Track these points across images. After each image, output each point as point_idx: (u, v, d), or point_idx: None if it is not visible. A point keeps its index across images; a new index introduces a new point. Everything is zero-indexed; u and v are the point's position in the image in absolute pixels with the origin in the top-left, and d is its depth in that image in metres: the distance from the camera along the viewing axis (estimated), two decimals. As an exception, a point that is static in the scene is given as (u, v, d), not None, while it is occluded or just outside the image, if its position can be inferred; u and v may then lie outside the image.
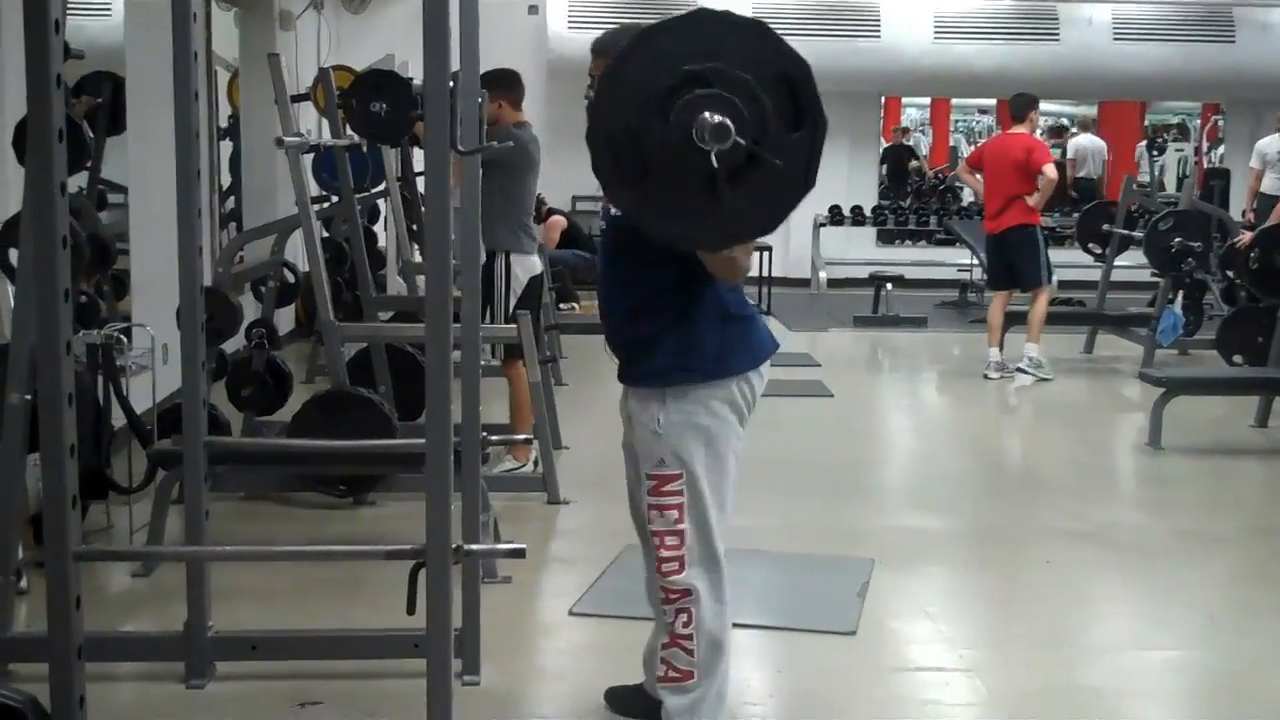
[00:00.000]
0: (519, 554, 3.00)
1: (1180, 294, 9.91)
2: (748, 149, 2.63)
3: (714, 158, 2.61)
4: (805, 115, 2.69)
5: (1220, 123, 15.44)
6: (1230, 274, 9.13)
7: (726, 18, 2.74)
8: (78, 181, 5.90)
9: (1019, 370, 9.34)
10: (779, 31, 2.72)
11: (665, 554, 3.13)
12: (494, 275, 6.05)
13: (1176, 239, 8.97)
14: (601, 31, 3.37)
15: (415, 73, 5.49)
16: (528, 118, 6.32)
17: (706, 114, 2.60)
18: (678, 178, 2.66)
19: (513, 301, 6.09)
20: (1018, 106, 9.54)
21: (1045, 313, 9.38)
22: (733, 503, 3.22)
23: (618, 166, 2.73)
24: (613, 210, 3.15)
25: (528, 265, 6.20)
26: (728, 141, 2.58)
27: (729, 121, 2.58)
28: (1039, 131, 9.72)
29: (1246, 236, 8.39)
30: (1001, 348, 9.35)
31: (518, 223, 6.11)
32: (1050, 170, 9.12)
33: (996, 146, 9.66)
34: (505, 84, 6.16)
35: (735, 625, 4.20)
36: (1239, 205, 12.54)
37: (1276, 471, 6.86)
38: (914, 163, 17.34)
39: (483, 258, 5.88)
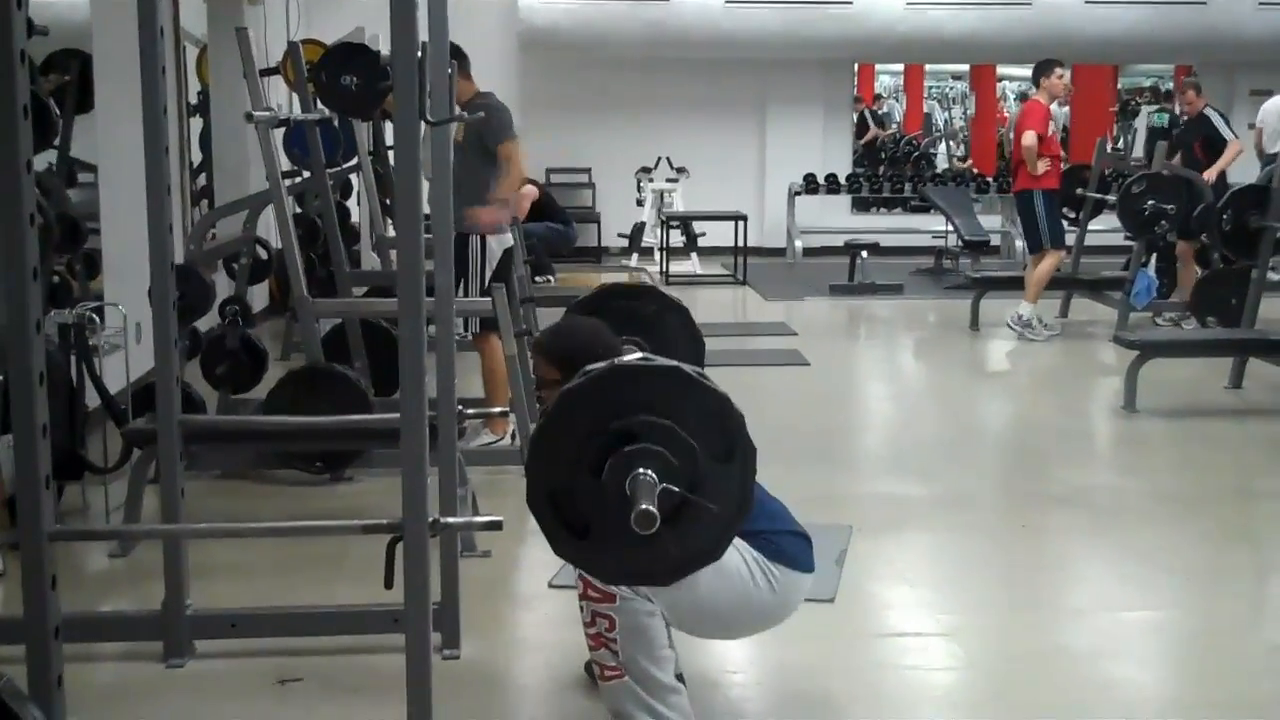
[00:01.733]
0: (496, 526, 2.99)
1: (1154, 257, 9.98)
2: (681, 495, 2.66)
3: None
4: (735, 446, 2.73)
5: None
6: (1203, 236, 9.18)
7: (644, 369, 2.77)
8: (46, 159, 5.86)
9: (1008, 326, 9.45)
10: (751, 1, 2.71)
11: None
12: (468, 249, 6.03)
13: (1149, 202, 8.99)
14: (571, 2, 3.34)
15: (385, 46, 5.47)
16: (493, 89, 6.31)
17: (637, 471, 2.63)
18: (619, 530, 2.66)
19: (488, 275, 6.07)
20: (1034, 73, 9.71)
21: (1045, 276, 9.46)
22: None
23: (560, 523, 2.75)
24: None
25: (501, 238, 6.19)
26: (656, 522, 2.58)
27: (653, 508, 2.57)
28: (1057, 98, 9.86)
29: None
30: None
31: (488, 198, 6.09)
32: (1026, 138, 9.20)
33: (1018, 113, 9.96)
34: (456, 57, 6.15)
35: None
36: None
37: (1251, 432, 6.89)
38: (873, 131, 17.37)
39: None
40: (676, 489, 2.65)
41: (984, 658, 3.94)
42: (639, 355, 2.89)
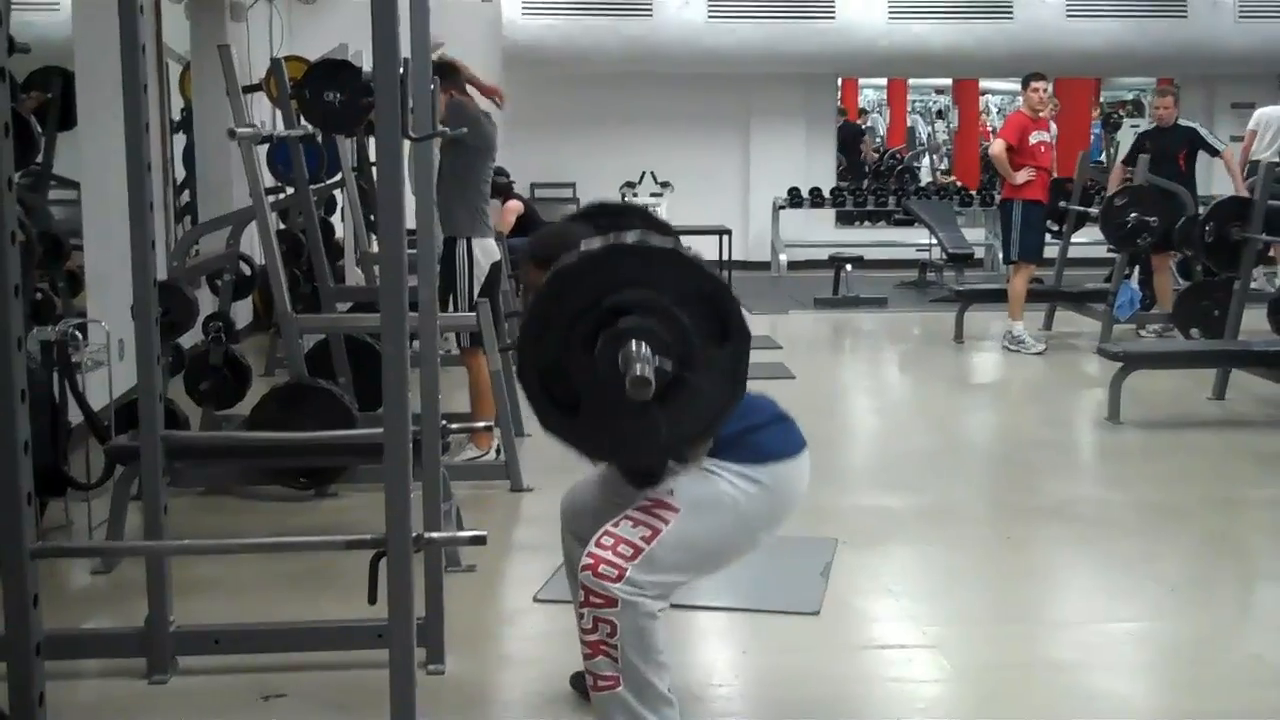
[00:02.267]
0: (480, 541, 2.98)
1: (1137, 269, 10.01)
2: (674, 372, 2.66)
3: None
4: (729, 328, 2.74)
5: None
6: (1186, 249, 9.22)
7: (644, 247, 2.76)
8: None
9: (1005, 348, 9.47)
10: (735, 15, 2.73)
11: (608, 556, 2.96)
12: (455, 261, 6.02)
13: (1132, 214, 9.02)
14: (557, 19, 3.37)
15: (368, 62, 5.48)
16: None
17: (630, 344, 2.63)
18: (610, 406, 2.68)
19: (476, 288, 6.05)
20: (1021, 85, 9.75)
21: (1020, 291, 9.48)
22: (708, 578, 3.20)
23: (552, 400, 2.76)
24: None
25: (488, 249, 6.18)
26: (650, 388, 2.60)
27: (649, 374, 2.60)
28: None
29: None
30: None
31: (475, 205, 6.07)
32: (994, 146, 9.41)
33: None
34: (446, 73, 6.15)
35: (699, 607, 4.24)
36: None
37: (1234, 443, 6.91)
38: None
39: (439, 244, 5.88)
40: (669, 367, 2.65)
41: (969, 669, 3.94)
42: (637, 232, 2.84)
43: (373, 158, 7.97)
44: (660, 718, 3.05)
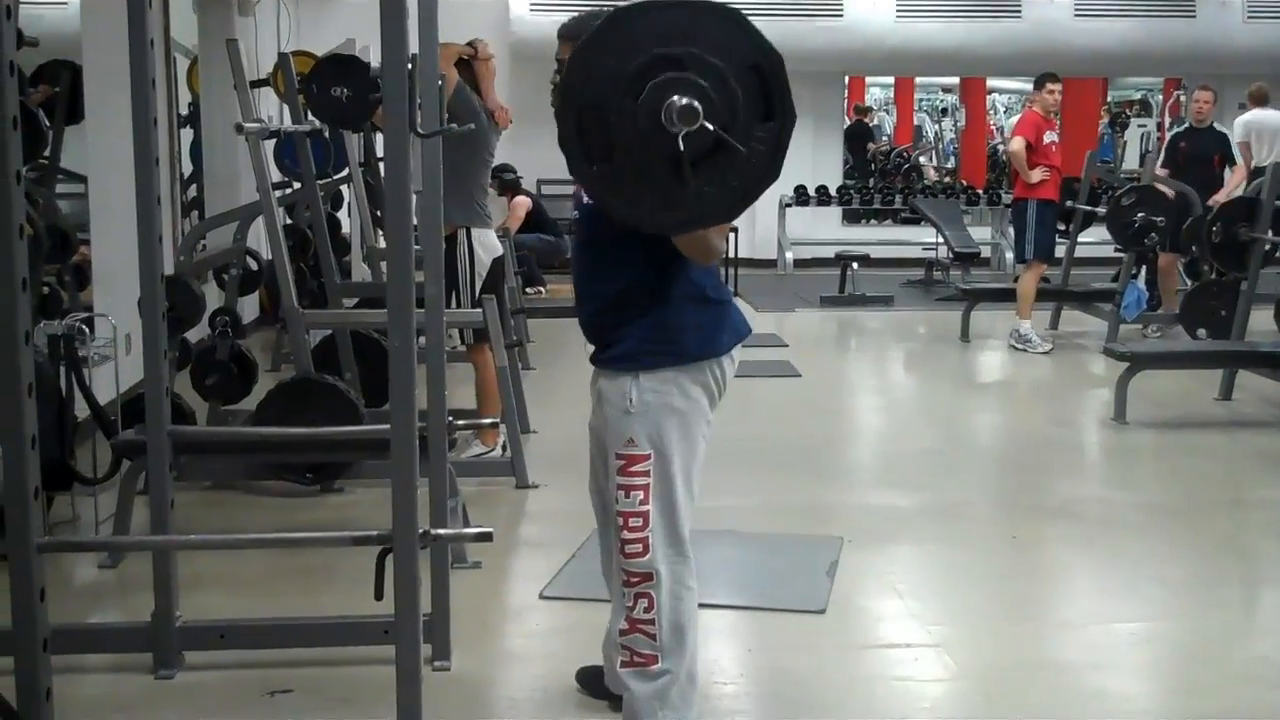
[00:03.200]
0: (486, 538, 2.99)
1: (1144, 269, 10.00)
2: (715, 135, 2.61)
3: (681, 141, 2.59)
4: (775, 106, 2.68)
5: (1183, 98, 15.48)
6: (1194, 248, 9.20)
7: (704, 3, 2.71)
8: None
9: (1012, 346, 9.46)
10: (746, 13, 2.71)
11: (629, 535, 3.09)
12: (455, 256, 6.00)
13: (1139, 214, 9.01)
14: (564, 16, 3.37)
15: (376, 57, 5.47)
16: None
17: (676, 96, 2.58)
18: (644, 158, 2.64)
19: (478, 284, 6.03)
20: (1035, 84, 9.70)
21: (1030, 289, 9.46)
22: (699, 486, 3.21)
23: (584, 143, 2.70)
24: (584, 197, 3.13)
25: (488, 243, 6.14)
26: (695, 124, 2.57)
27: (697, 104, 2.57)
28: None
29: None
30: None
31: (471, 196, 6.01)
32: (1013, 144, 9.31)
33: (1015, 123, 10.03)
34: (464, 64, 6.15)
35: (705, 606, 4.22)
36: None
37: (1240, 444, 6.90)
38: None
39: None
40: (711, 126, 2.60)
41: (974, 669, 3.94)
42: None
43: (380, 153, 8.01)
44: (685, 702, 3.16)
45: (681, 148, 2.60)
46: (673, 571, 3.12)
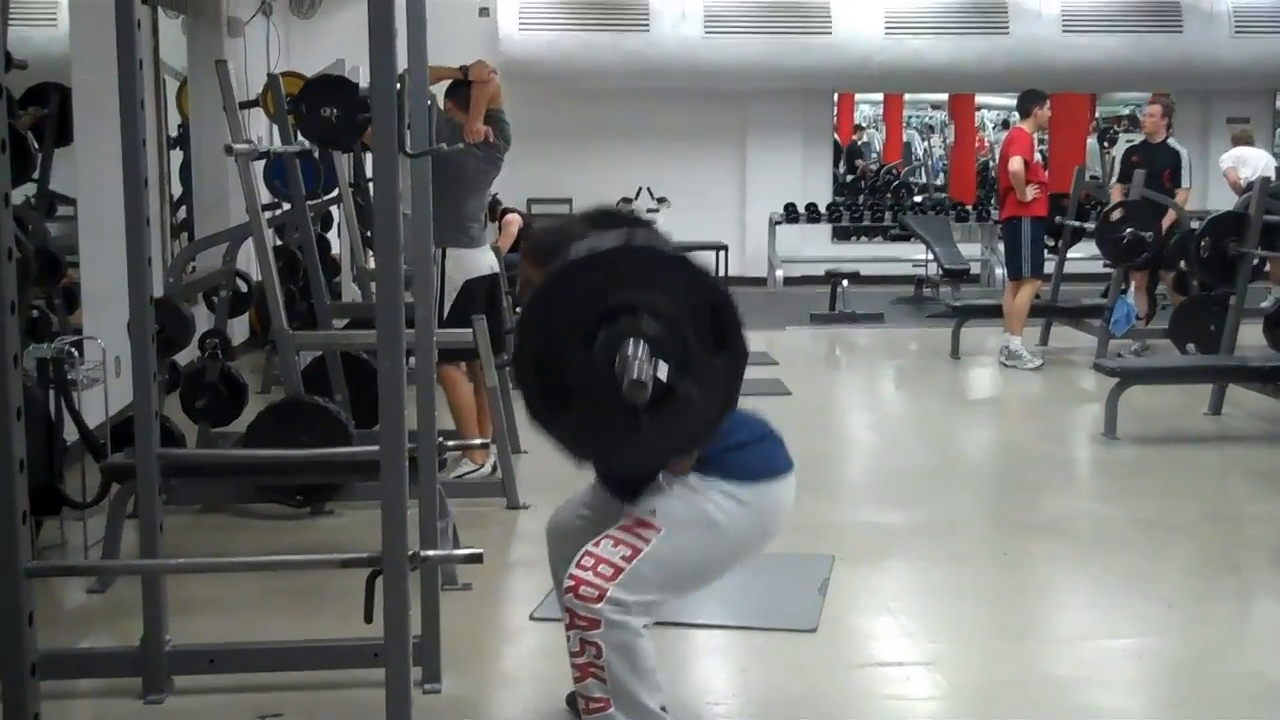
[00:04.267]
0: (477, 559, 2.98)
1: (1132, 284, 10.02)
2: (668, 382, 2.64)
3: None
4: (727, 340, 2.72)
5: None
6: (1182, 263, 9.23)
7: (651, 251, 2.76)
8: (25, 193, 5.85)
9: (1002, 364, 9.46)
10: (731, 30, 2.73)
11: (589, 578, 2.94)
12: (443, 274, 5.97)
13: (1127, 230, 9.03)
14: (553, 35, 3.37)
15: (365, 78, 5.49)
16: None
17: (629, 349, 2.61)
18: (600, 406, 2.67)
19: (448, 303, 5.97)
20: (1021, 102, 9.74)
21: (1024, 306, 9.48)
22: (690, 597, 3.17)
23: (543, 390, 2.73)
24: None
25: (466, 263, 6.10)
26: (646, 395, 2.60)
27: (646, 379, 2.59)
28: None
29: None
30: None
31: (450, 217, 5.91)
32: (1012, 163, 9.27)
33: (1004, 141, 9.97)
34: (459, 88, 6.16)
35: (697, 626, 4.23)
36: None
37: (1230, 459, 6.91)
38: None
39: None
40: (664, 375, 2.63)
41: (967, 686, 3.93)
42: (648, 233, 2.85)
43: (369, 174, 8.01)
44: None
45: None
46: (624, 622, 2.94)
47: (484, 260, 6.29)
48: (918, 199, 15.70)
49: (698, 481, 3.05)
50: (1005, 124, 16.65)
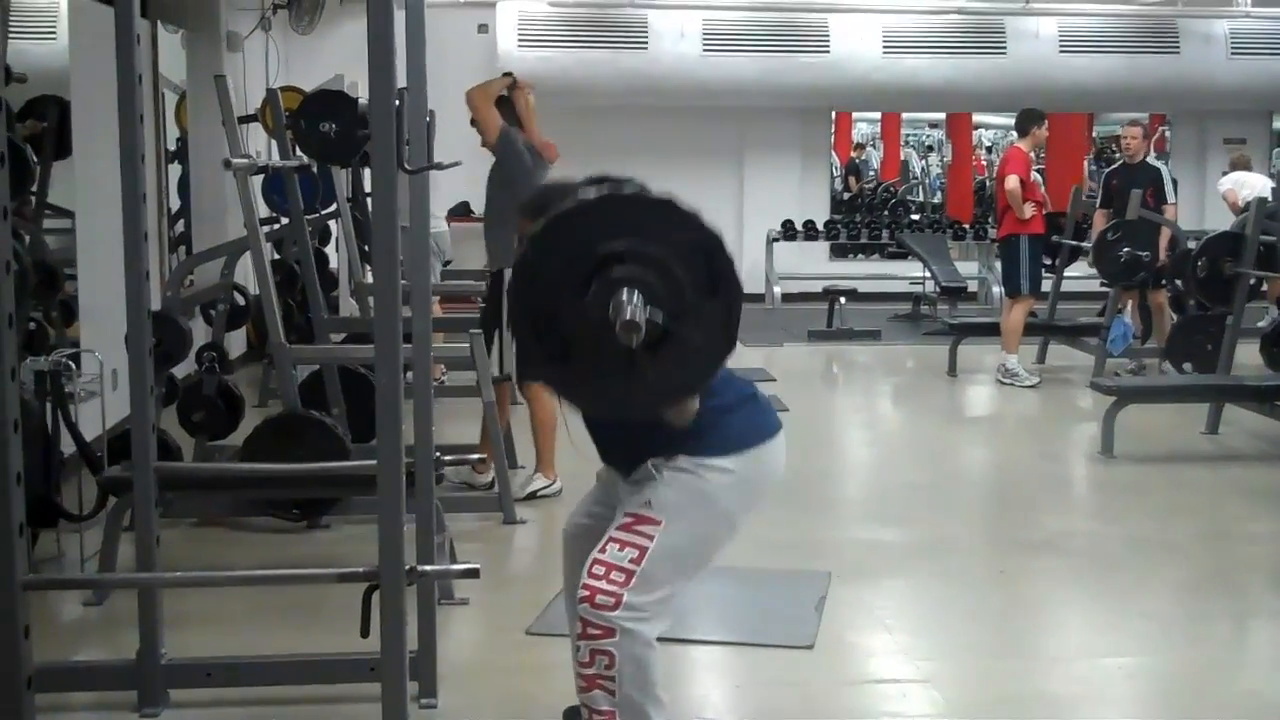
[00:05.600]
0: (473, 574, 2.98)
1: (1130, 303, 10.03)
2: (664, 325, 2.65)
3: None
4: (720, 282, 2.72)
5: (1167, 133, 15.58)
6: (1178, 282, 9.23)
7: (639, 198, 2.78)
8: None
9: (999, 381, 9.46)
10: (729, 48, 2.74)
11: (604, 586, 2.94)
12: (500, 297, 5.94)
13: (1124, 249, 9.04)
14: (552, 51, 3.39)
15: (365, 93, 5.50)
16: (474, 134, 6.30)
17: (621, 294, 2.62)
18: (598, 355, 2.68)
19: None
20: (1019, 121, 9.76)
21: (1019, 323, 9.49)
22: (701, 573, 3.14)
23: (540, 346, 2.74)
24: None
25: None
26: (640, 334, 2.61)
27: (640, 320, 2.60)
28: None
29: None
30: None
31: (514, 237, 5.92)
32: (1009, 182, 9.29)
33: (1001, 160, 9.98)
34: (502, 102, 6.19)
35: (693, 641, 4.22)
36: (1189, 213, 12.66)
37: (1227, 478, 6.91)
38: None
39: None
40: (660, 319, 2.63)
41: (963, 704, 3.93)
42: (634, 184, 2.85)
43: (368, 189, 8.02)
44: None
45: (634, 343, 2.64)
46: (638, 631, 2.95)
47: None
48: (915, 217, 15.74)
49: (687, 461, 3.04)
50: (988, 149, 16.72)
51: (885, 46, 13.75)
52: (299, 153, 6.50)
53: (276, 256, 8.58)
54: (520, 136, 6.10)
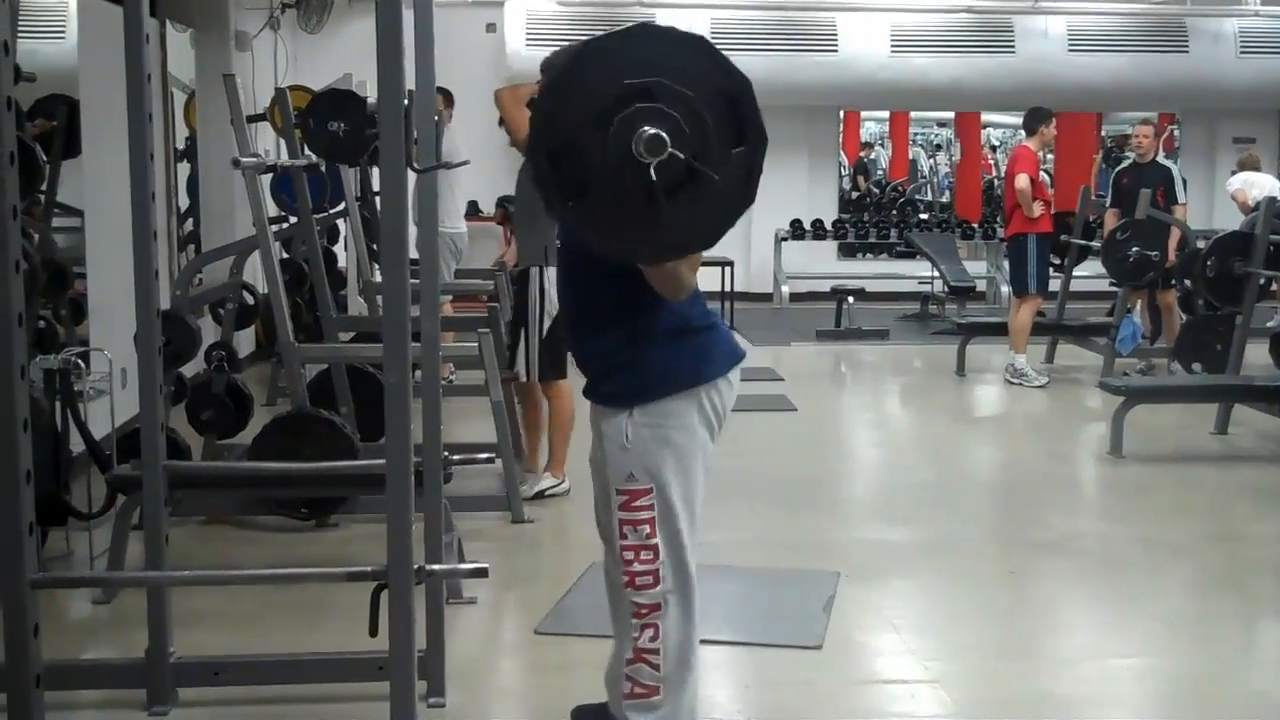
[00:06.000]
0: (482, 573, 2.99)
1: (1139, 303, 10.02)
2: (686, 163, 2.61)
3: (653, 171, 2.60)
4: (746, 132, 2.70)
5: (1176, 133, 15.55)
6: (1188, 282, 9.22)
7: (669, 33, 2.75)
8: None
9: (1008, 381, 9.45)
10: (737, 47, 2.73)
11: (639, 568, 3.07)
12: (527, 295, 5.94)
13: (1134, 249, 9.03)
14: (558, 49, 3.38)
15: (373, 92, 5.49)
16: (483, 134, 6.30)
17: (645, 127, 2.58)
18: (617, 191, 2.64)
19: (548, 322, 5.89)
20: (1027, 120, 9.73)
21: (1027, 323, 9.47)
22: (701, 516, 3.20)
23: (559, 180, 2.70)
24: (559, 238, 3.15)
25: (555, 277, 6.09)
26: (664, 154, 2.57)
27: (665, 134, 2.57)
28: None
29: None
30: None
31: (544, 236, 5.80)
32: (1019, 180, 9.26)
33: (1010, 159, 9.94)
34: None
35: (703, 642, 4.21)
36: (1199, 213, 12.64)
37: (1236, 479, 6.90)
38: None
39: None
40: (681, 155, 2.60)
41: (971, 705, 3.92)
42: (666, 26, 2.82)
43: (376, 187, 8.02)
44: None
45: (654, 178, 2.60)
46: (680, 601, 3.11)
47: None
48: (923, 216, 15.72)
49: (641, 416, 3.07)
50: (994, 148, 16.67)
51: (893, 45, 13.74)
52: (307, 152, 6.50)
53: (285, 255, 8.57)
54: None
